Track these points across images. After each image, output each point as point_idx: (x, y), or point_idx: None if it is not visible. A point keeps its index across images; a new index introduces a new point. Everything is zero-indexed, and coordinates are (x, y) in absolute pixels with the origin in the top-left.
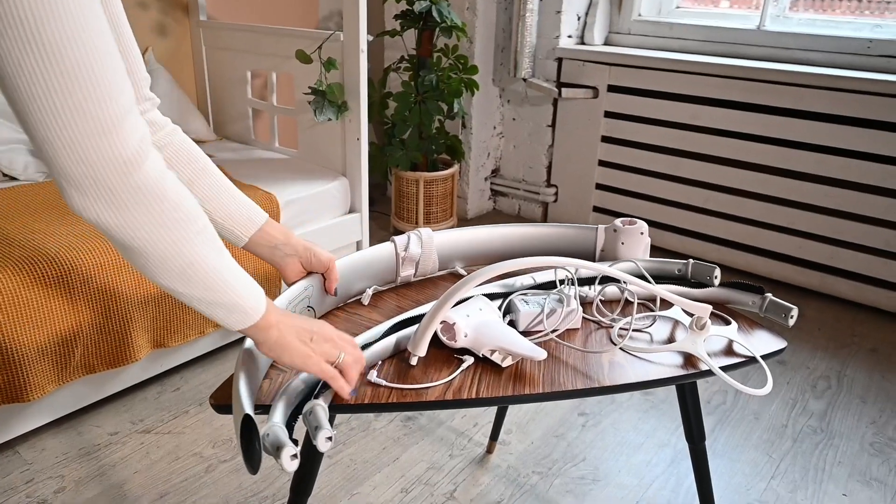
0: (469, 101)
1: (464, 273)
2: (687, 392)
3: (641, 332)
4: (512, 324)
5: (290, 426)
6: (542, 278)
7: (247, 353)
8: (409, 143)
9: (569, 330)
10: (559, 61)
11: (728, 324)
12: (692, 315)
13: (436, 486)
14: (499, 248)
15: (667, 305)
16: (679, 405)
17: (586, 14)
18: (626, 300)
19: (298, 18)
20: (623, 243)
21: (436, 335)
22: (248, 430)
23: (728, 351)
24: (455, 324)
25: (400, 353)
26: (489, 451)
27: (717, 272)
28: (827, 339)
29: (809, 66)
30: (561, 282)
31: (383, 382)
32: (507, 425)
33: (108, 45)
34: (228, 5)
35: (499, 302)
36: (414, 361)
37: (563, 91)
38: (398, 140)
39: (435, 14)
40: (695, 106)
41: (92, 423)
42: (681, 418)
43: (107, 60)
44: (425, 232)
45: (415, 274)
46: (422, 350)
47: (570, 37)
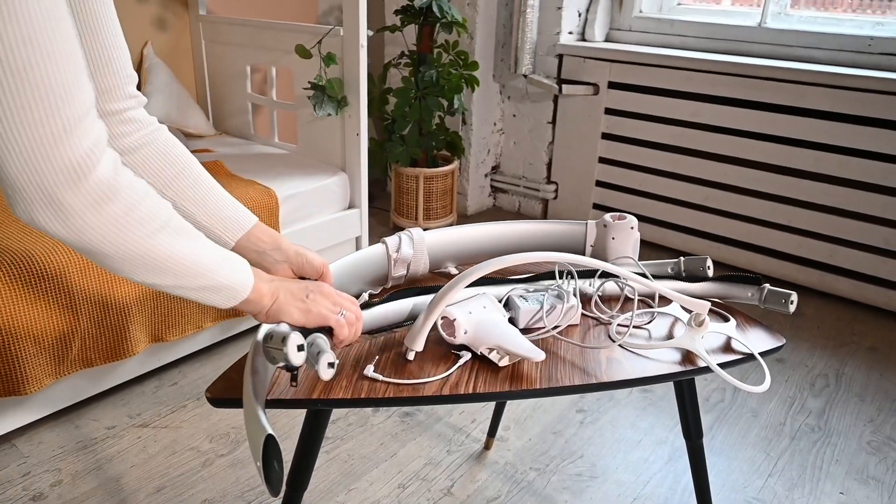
0: (469, 97)
1: (455, 272)
2: (685, 389)
3: (640, 328)
4: (511, 321)
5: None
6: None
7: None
8: (409, 139)
9: (568, 326)
10: (560, 58)
11: (727, 321)
12: (691, 312)
13: (433, 481)
14: (490, 245)
15: (665, 302)
16: (677, 402)
17: (587, 10)
18: (626, 297)
19: (298, 13)
20: (613, 238)
21: (436, 331)
22: (267, 452)
23: (726, 348)
24: (455, 319)
25: (397, 348)
26: (487, 447)
27: (709, 262)
28: (826, 337)
29: (810, 63)
30: (560, 276)
31: (380, 377)
32: (505, 422)
33: (65, 49)
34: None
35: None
36: (411, 356)
37: (564, 87)
38: (398, 136)
39: (435, 9)
40: (695, 103)
41: (89, 417)
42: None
43: (62, 65)
44: (416, 232)
45: (406, 275)
46: (419, 345)
47: (570, 33)
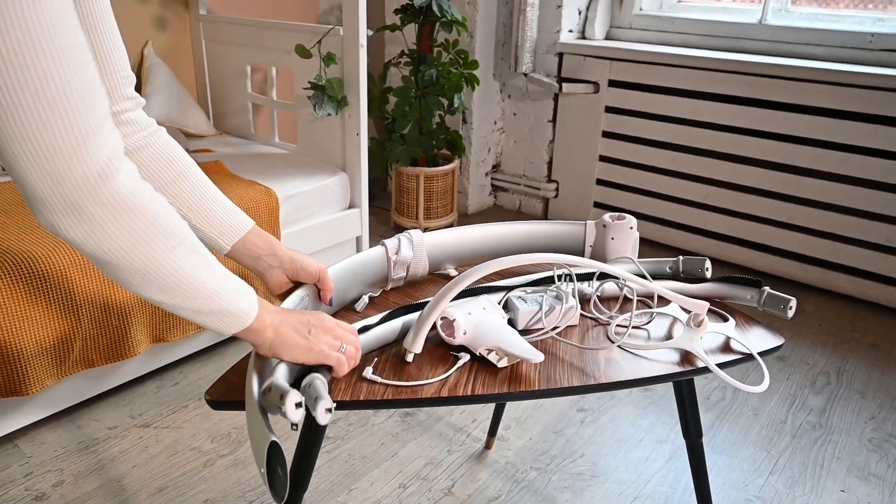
0: (469, 96)
1: (455, 274)
2: (684, 389)
3: (639, 329)
4: (511, 322)
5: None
6: (539, 276)
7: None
8: (410, 139)
9: (566, 327)
10: (560, 56)
11: (726, 320)
12: (689, 312)
13: (434, 481)
14: (489, 246)
15: (664, 303)
16: (676, 402)
17: (587, 8)
18: (625, 297)
19: (298, 13)
20: (613, 238)
21: (434, 332)
22: (272, 457)
23: (725, 348)
24: (455, 320)
25: (396, 349)
26: (487, 446)
27: (707, 264)
28: (827, 334)
29: (811, 60)
30: (558, 278)
31: (379, 379)
32: (506, 421)
33: (80, 57)
34: None
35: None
36: (410, 358)
37: (564, 86)
38: (398, 135)
39: (435, 8)
40: (696, 101)
41: (91, 417)
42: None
43: (78, 73)
44: (415, 234)
45: (406, 277)
46: (417, 347)
47: (570, 31)
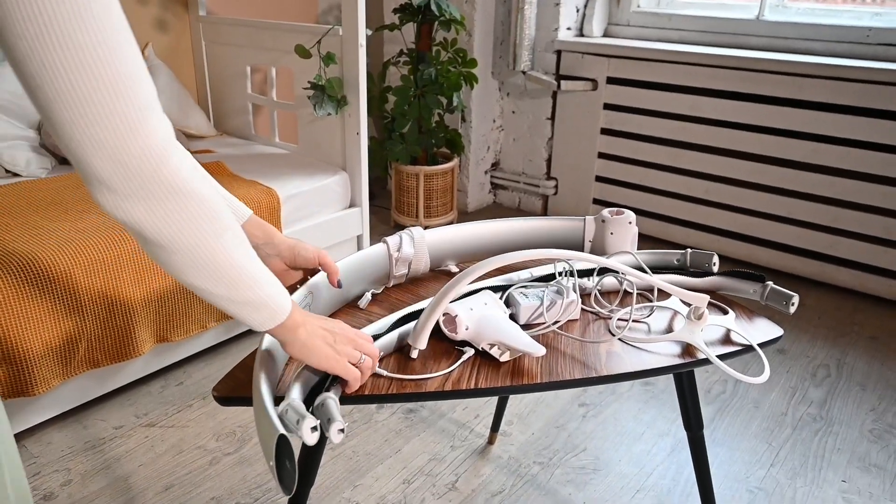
0: (468, 94)
1: (456, 270)
2: (685, 381)
3: (640, 322)
4: (512, 317)
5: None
6: (539, 271)
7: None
8: (409, 137)
9: (568, 321)
10: (558, 54)
11: (725, 313)
12: (690, 305)
13: (437, 476)
14: (490, 243)
15: (665, 296)
16: (677, 394)
17: (585, 6)
18: (625, 291)
19: (297, 13)
20: (612, 233)
21: (437, 328)
22: (280, 451)
23: (726, 340)
24: (457, 316)
25: (401, 347)
26: (490, 442)
27: (716, 259)
28: (827, 327)
29: (809, 55)
30: (559, 273)
31: (384, 373)
32: (508, 416)
33: (129, 43)
34: (228, 0)
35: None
36: (414, 354)
37: (563, 83)
38: (398, 134)
39: (434, 7)
40: (694, 97)
41: (97, 417)
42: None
43: (129, 58)
44: (417, 231)
45: (407, 274)
46: (422, 343)
47: (568, 29)
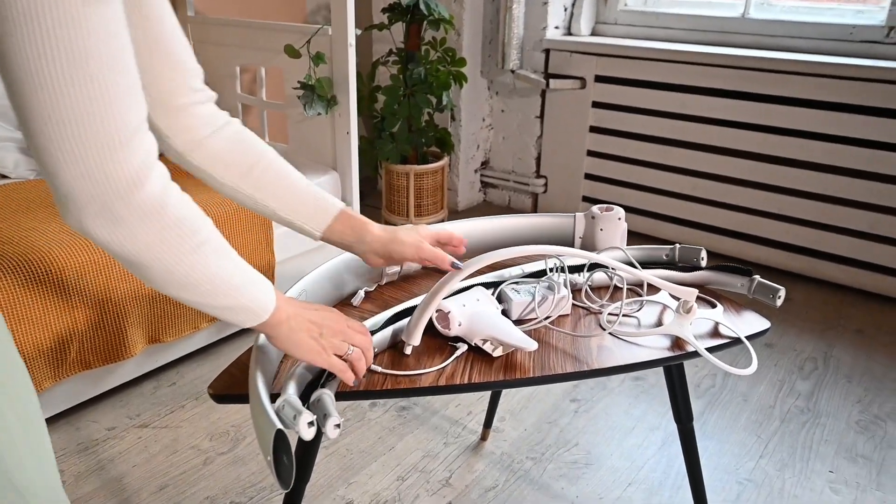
0: (458, 93)
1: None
2: (674, 373)
3: (629, 316)
4: (505, 313)
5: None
6: (531, 268)
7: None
8: (399, 137)
9: (559, 316)
10: (546, 52)
11: (714, 307)
12: (679, 299)
13: (431, 473)
14: (480, 240)
15: (654, 291)
16: (667, 387)
17: (573, 5)
18: (615, 286)
19: (286, 13)
20: (602, 230)
21: (430, 324)
22: (277, 446)
23: (714, 333)
24: (450, 312)
25: (395, 343)
26: (483, 438)
27: (703, 254)
28: (814, 321)
29: (794, 52)
30: (550, 269)
31: (378, 369)
32: (501, 413)
33: (125, 62)
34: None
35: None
36: (408, 351)
37: (551, 82)
38: (388, 133)
39: (422, 7)
40: (682, 94)
41: (89, 419)
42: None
43: (123, 75)
44: None
45: (400, 271)
46: (416, 339)
47: (557, 28)
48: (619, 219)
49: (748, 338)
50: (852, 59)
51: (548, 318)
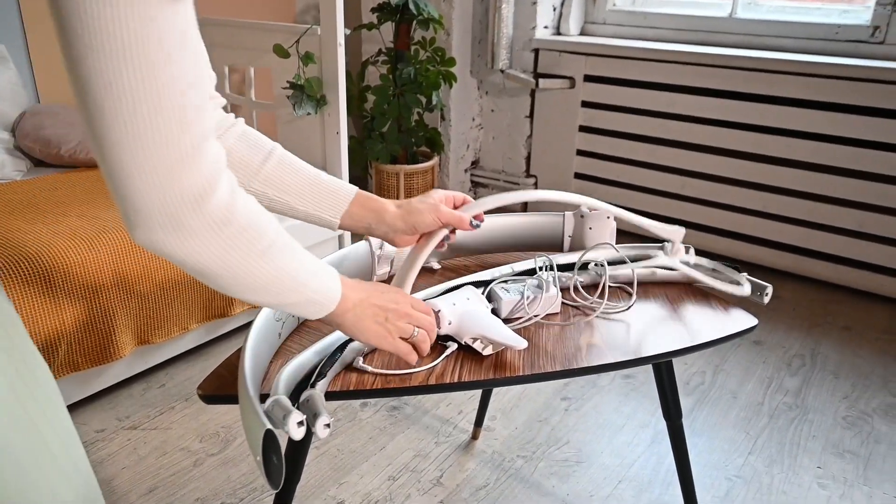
0: (447, 93)
1: (438, 267)
2: (664, 371)
3: (620, 313)
4: (494, 312)
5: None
6: (520, 266)
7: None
8: (389, 137)
9: (548, 315)
10: (536, 52)
11: (702, 304)
12: (666, 241)
13: (422, 472)
14: (471, 239)
15: (644, 290)
16: (656, 384)
17: (562, 4)
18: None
19: (275, 12)
20: (591, 228)
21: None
22: (267, 446)
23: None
24: (440, 311)
25: None
26: (474, 437)
27: (691, 251)
28: (801, 318)
29: (781, 52)
30: (540, 268)
31: (369, 368)
32: (492, 412)
33: (199, 68)
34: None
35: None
36: None
37: (541, 82)
38: (378, 133)
39: (412, 7)
40: (670, 94)
41: (78, 421)
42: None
43: (196, 83)
44: None
45: (390, 271)
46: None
47: (546, 27)
48: (608, 217)
49: (737, 334)
50: (838, 59)
51: (537, 316)
